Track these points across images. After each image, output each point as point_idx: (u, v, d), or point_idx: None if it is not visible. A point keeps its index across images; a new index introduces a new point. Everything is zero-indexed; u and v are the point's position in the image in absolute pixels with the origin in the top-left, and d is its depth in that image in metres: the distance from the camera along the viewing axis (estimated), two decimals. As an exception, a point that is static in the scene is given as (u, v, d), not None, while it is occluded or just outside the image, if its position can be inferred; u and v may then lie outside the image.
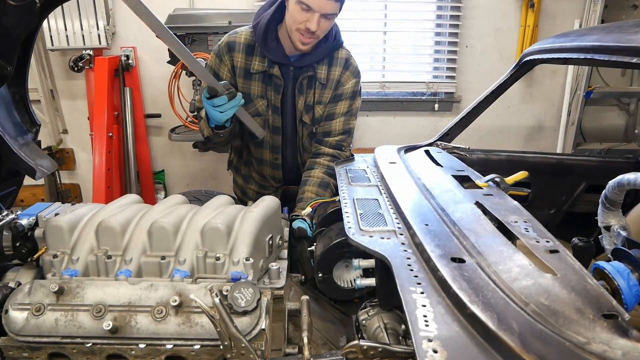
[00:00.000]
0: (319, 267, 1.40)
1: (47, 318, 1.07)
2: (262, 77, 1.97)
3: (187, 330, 1.05)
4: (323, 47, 1.94)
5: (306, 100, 2.02)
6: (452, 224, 1.15)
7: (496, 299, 0.84)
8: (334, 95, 2.03)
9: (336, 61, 2.01)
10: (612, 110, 4.35)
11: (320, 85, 2.00)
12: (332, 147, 2.06)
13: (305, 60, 1.95)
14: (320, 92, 2.02)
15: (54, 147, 4.05)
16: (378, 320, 1.19)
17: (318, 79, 1.99)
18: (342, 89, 2.03)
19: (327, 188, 1.97)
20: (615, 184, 1.24)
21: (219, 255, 1.19)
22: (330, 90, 2.02)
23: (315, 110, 2.03)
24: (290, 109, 2.05)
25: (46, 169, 1.73)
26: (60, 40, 3.65)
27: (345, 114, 2.06)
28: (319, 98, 2.02)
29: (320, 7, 1.72)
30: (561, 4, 3.97)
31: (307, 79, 1.99)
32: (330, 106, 2.04)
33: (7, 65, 1.46)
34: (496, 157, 2.27)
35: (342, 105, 2.04)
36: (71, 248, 1.23)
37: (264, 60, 1.94)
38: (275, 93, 1.99)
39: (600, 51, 1.42)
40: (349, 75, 2.03)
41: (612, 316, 0.78)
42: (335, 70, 2.01)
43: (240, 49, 1.95)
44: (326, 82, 2.01)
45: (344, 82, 2.03)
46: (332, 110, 2.04)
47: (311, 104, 2.02)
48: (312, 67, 1.97)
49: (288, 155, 2.17)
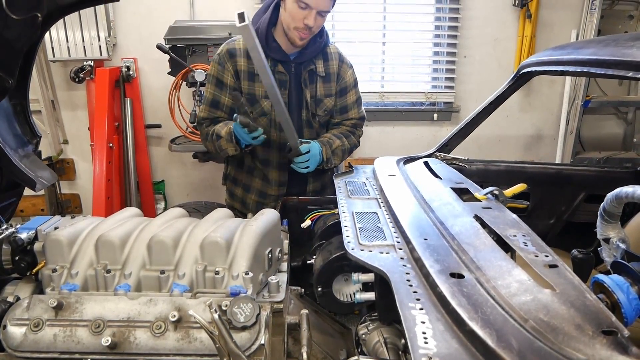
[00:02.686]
0: (319, 281, 1.39)
1: (46, 333, 1.07)
2: None
3: (186, 345, 1.05)
4: (319, 42, 2.11)
5: (312, 93, 2.15)
6: (451, 238, 1.15)
7: (495, 315, 0.84)
8: (340, 88, 2.22)
9: (330, 56, 2.19)
10: (610, 119, 4.37)
11: (321, 79, 2.16)
12: (349, 127, 2.31)
13: (304, 56, 2.10)
14: (324, 85, 2.18)
15: (54, 157, 4.06)
16: (378, 334, 1.19)
17: (318, 73, 2.15)
18: (344, 82, 2.22)
19: (343, 138, 2.23)
20: (613, 196, 1.24)
21: (218, 269, 1.19)
22: (334, 82, 2.20)
23: (327, 102, 2.20)
24: (295, 105, 2.16)
25: (46, 180, 1.74)
26: (61, 51, 3.67)
27: (356, 101, 2.29)
28: (326, 91, 2.19)
29: (317, 5, 1.90)
30: (558, 14, 4.00)
31: (309, 73, 2.13)
32: (340, 100, 2.24)
33: (9, 77, 1.47)
34: (495, 167, 2.28)
35: (351, 95, 2.26)
36: (70, 262, 1.23)
37: (267, 61, 2.01)
38: (282, 89, 2.08)
39: (596, 64, 1.42)
40: (346, 67, 2.22)
41: (612, 332, 0.78)
42: (332, 64, 2.18)
43: (242, 54, 2.06)
44: (326, 75, 2.17)
45: (343, 75, 2.21)
46: (344, 102, 2.25)
47: (321, 97, 2.18)
48: (311, 62, 2.12)
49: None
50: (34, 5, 1.37)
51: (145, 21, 3.85)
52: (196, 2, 3.84)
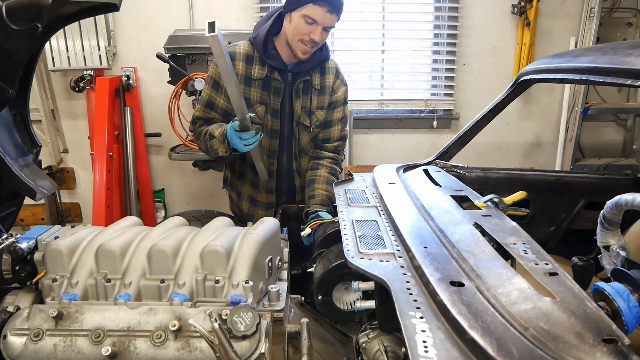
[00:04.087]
0: (319, 290, 1.39)
1: (46, 343, 1.07)
2: (262, 84, 2.13)
3: (186, 355, 1.05)
4: (318, 55, 2.16)
5: (303, 104, 2.19)
6: (451, 246, 1.15)
7: (495, 323, 0.84)
8: (329, 102, 2.26)
9: (328, 70, 2.24)
10: (610, 126, 4.38)
11: (316, 91, 2.20)
12: (331, 151, 2.32)
13: (302, 67, 2.15)
14: (318, 98, 2.22)
15: (54, 166, 4.06)
16: (378, 343, 1.18)
17: (313, 86, 2.19)
18: (335, 97, 2.27)
19: (333, 179, 2.23)
20: (613, 204, 1.24)
21: (218, 278, 1.19)
22: (327, 95, 2.24)
23: (318, 114, 2.23)
24: (288, 113, 2.21)
25: (46, 190, 1.74)
26: (61, 60, 3.68)
27: (341, 120, 2.31)
28: (319, 103, 2.23)
29: (324, 21, 1.97)
30: (557, 22, 4.02)
31: (303, 83, 2.17)
32: (327, 113, 2.27)
33: (9, 88, 1.48)
34: (495, 175, 2.28)
35: (337, 112, 2.29)
36: (70, 272, 1.23)
37: (264, 68, 2.11)
38: (276, 96, 2.14)
39: (595, 72, 1.43)
40: (340, 83, 2.28)
41: (612, 341, 0.78)
42: (329, 78, 2.23)
43: (241, 58, 2.11)
44: (321, 88, 2.22)
45: (336, 90, 2.26)
46: (330, 117, 2.28)
47: (313, 109, 2.21)
48: (308, 73, 2.17)
49: (283, 160, 2.30)
50: (34, 16, 1.38)
51: (145, 30, 3.88)
52: (196, 11, 3.87)
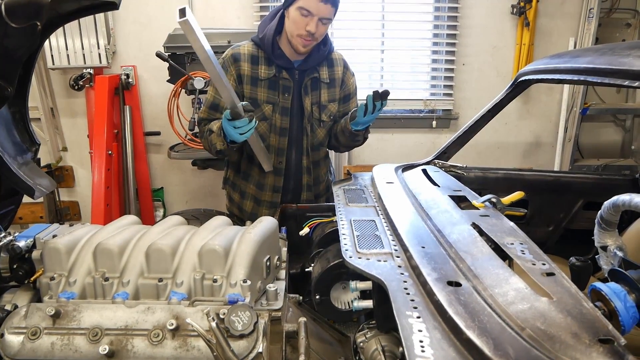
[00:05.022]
0: (317, 289, 1.39)
1: (43, 342, 1.07)
2: (269, 84, 2.13)
3: (183, 354, 1.05)
4: (322, 50, 2.16)
5: (313, 100, 2.20)
6: (449, 246, 1.15)
7: (492, 323, 0.84)
8: (343, 95, 2.29)
9: (335, 62, 2.25)
10: (609, 127, 4.38)
11: (325, 85, 2.21)
12: None
13: (308, 64, 2.15)
14: (328, 91, 2.23)
15: (53, 164, 4.06)
16: (376, 342, 1.19)
17: (321, 80, 2.20)
18: (348, 89, 2.30)
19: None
20: (610, 204, 1.24)
21: (216, 277, 1.19)
22: (337, 87, 2.25)
23: (330, 107, 2.24)
24: (297, 111, 2.21)
25: (45, 188, 1.74)
26: (61, 59, 3.68)
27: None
28: (329, 96, 2.24)
29: (319, 11, 1.96)
30: (556, 23, 4.03)
31: (311, 80, 2.18)
32: (344, 106, 2.31)
33: (8, 86, 1.48)
34: (493, 175, 2.28)
35: (353, 102, 2.34)
36: (68, 270, 1.23)
37: (271, 68, 2.12)
38: (286, 95, 2.15)
39: (593, 73, 1.44)
40: (349, 74, 2.30)
41: (609, 341, 0.78)
42: (337, 70, 2.25)
43: (246, 59, 2.12)
44: (330, 81, 2.22)
45: (346, 81, 2.29)
46: (347, 109, 2.30)
47: (325, 103, 2.22)
48: (315, 69, 2.18)
49: (292, 158, 2.29)
50: (34, 14, 1.38)
51: (145, 29, 3.87)
52: (196, 10, 3.86)
